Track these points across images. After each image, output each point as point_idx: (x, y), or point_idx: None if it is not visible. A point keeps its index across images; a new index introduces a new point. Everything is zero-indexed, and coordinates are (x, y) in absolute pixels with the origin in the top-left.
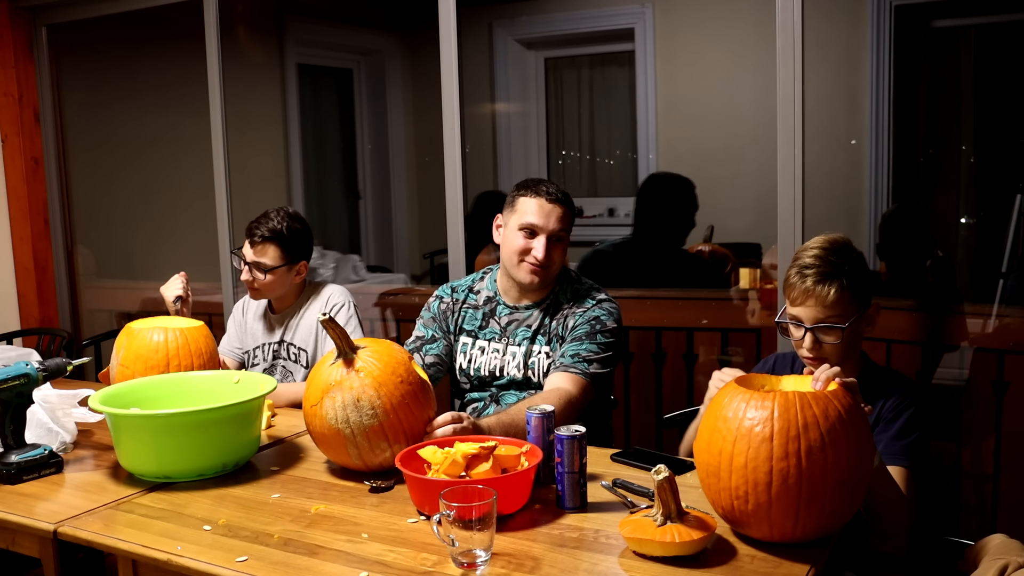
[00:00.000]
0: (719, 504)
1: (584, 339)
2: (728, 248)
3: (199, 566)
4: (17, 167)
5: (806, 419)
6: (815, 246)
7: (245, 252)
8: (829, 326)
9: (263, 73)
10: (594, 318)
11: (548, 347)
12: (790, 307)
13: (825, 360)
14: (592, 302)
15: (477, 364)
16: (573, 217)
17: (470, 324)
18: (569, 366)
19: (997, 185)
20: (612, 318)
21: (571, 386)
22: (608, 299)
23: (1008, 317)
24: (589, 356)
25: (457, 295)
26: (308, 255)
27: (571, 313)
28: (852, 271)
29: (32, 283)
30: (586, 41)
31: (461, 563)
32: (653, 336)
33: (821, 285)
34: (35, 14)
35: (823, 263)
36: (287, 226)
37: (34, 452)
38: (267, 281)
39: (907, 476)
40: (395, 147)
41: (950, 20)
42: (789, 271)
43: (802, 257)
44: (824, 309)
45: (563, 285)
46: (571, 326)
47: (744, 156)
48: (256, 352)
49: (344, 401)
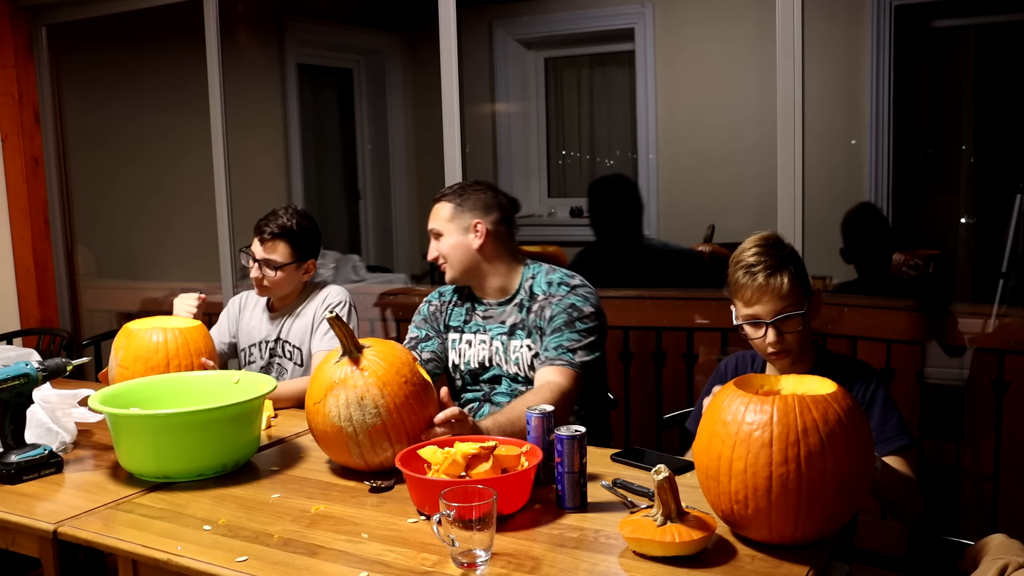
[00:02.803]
0: (718, 507)
1: (564, 329)
2: (728, 248)
3: (199, 566)
4: (17, 167)
5: (805, 423)
6: (752, 245)
7: (254, 249)
8: (790, 315)
9: (263, 73)
10: (570, 306)
11: (529, 339)
12: (744, 308)
13: (789, 351)
14: (566, 289)
15: (467, 358)
16: (451, 212)
17: (456, 320)
18: (555, 359)
19: (997, 185)
20: (588, 303)
21: (561, 378)
22: (582, 284)
23: (1008, 317)
24: (572, 345)
25: (444, 297)
26: (316, 253)
27: (547, 304)
28: (793, 261)
29: (32, 283)
30: (586, 41)
31: (461, 563)
32: (653, 336)
33: (773, 278)
34: (35, 14)
35: (768, 257)
36: (297, 223)
37: (34, 452)
38: (276, 278)
39: (906, 457)
40: (395, 147)
41: (950, 20)
42: (735, 275)
43: (743, 259)
44: (780, 300)
45: (537, 276)
46: (548, 316)
47: (744, 156)
48: (252, 350)
49: (348, 399)
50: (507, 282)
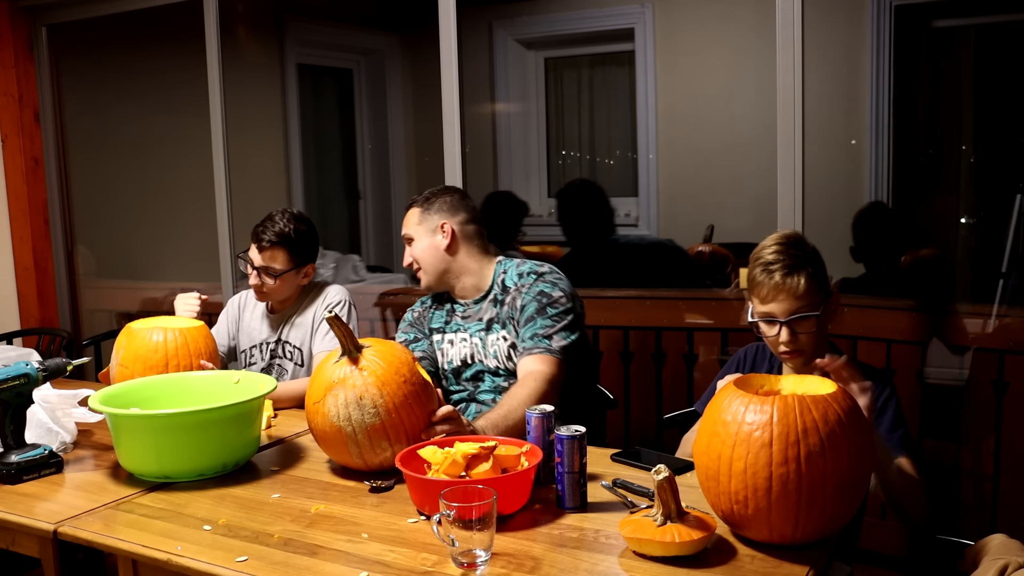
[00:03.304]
0: (718, 507)
1: (536, 317)
2: (728, 248)
3: (199, 566)
4: (17, 167)
5: (805, 424)
6: (772, 243)
7: (252, 256)
8: (804, 316)
9: (263, 73)
10: (539, 293)
11: (505, 331)
12: (760, 305)
13: (802, 352)
14: (534, 277)
15: (449, 357)
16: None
17: (438, 322)
18: (531, 348)
19: (997, 185)
20: (557, 288)
21: (541, 365)
22: (551, 271)
23: (1008, 317)
24: (547, 332)
25: (426, 303)
26: (315, 257)
27: (517, 294)
28: (813, 261)
29: (32, 283)
30: (586, 41)
31: (461, 563)
32: (653, 336)
33: (790, 277)
34: (35, 14)
35: (786, 256)
36: (294, 229)
37: (34, 452)
38: (275, 285)
39: (912, 462)
40: (395, 147)
41: (950, 20)
42: (753, 271)
43: (762, 256)
44: (796, 300)
45: (508, 270)
46: (520, 306)
47: (744, 156)
48: (253, 352)
49: (347, 399)
50: (480, 280)
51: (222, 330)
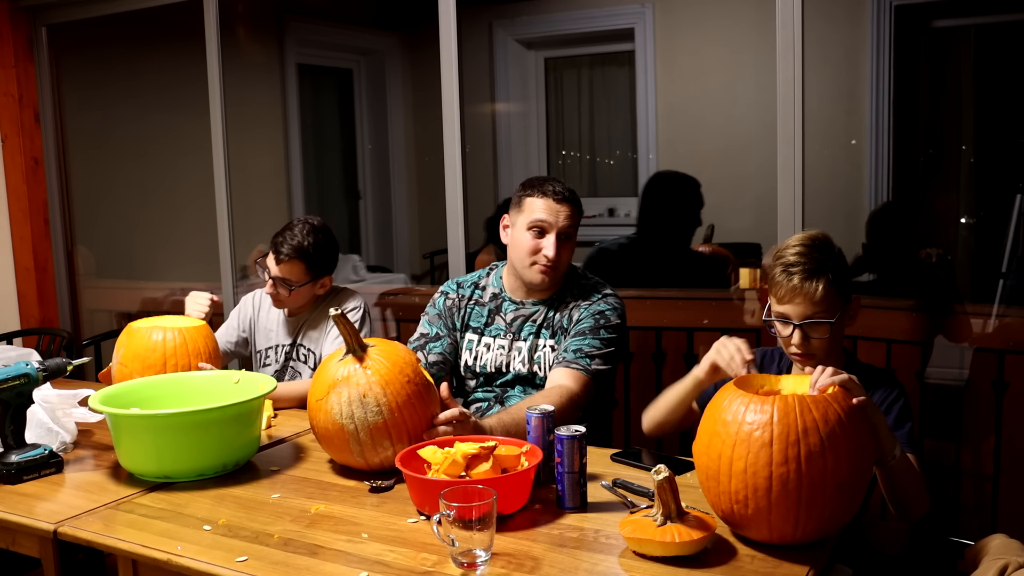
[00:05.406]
0: (718, 507)
1: (588, 333)
2: (728, 248)
3: (199, 566)
4: (17, 167)
5: (805, 423)
6: (797, 243)
7: (270, 264)
8: (818, 322)
9: (263, 73)
10: (599, 312)
11: (553, 340)
12: (776, 305)
13: (813, 356)
14: (598, 296)
15: (483, 361)
16: (580, 214)
17: (476, 321)
18: (572, 362)
19: (997, 185)
20: (616, 313)
21: (573, 383)
22: (613, 294)
23: (1008, 317)
24: (592, 352)
25: (463, 291)
26: (333, 268)
27: (576, 307)
28: (835, 267)
29: (32, 283)
30: (586, 41)
31: (461, 563)
32: (653, 336)
33: (808, 282)
34: (35, 14)
35: (808, 260)
36: (312, 243)
37: (34, 452)
38: (291, 296)
39: (915, 460)
40: (395, 147)
41: (950, 20)
42: (773, 270)
43: (785, 255)
44: (812, 305)
45: (569, 281)
46: (575, 319)
47: (744, 156)
48: (269, 353)
49: (350, 397)
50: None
51: (232, 325)
